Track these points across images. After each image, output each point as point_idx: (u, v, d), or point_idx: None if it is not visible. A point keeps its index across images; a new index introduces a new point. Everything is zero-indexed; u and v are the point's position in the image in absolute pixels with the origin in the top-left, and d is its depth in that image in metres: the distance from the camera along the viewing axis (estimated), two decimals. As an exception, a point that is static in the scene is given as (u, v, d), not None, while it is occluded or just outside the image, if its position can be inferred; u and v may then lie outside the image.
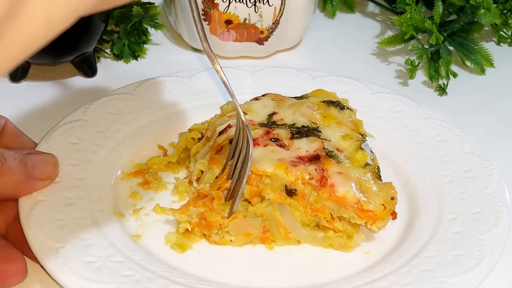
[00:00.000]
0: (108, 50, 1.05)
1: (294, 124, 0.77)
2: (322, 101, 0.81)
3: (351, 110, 0.81)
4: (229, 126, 0.77)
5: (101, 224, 0.71)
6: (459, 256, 0.68)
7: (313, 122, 0.78)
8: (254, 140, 0.73)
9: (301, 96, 0.84)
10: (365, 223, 0.71)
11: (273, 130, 0.76)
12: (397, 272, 0.67)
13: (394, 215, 0.71)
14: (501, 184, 0.77)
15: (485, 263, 0.67)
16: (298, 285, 0.69)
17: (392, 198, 0.71)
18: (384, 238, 0.74)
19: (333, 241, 0.73)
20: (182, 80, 0.93)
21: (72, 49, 0.94)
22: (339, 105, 0.81)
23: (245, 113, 0.79)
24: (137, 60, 1.05)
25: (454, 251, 0.69)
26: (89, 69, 0.99)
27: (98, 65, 1.01)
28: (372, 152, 0.76)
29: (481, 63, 1.05)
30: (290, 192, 0.71)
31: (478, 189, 0.77)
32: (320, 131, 0.76)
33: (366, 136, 0.79)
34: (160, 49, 1.09)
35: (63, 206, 0.71)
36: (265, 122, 0.78)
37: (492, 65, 1.06)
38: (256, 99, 0.82)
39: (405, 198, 0.79)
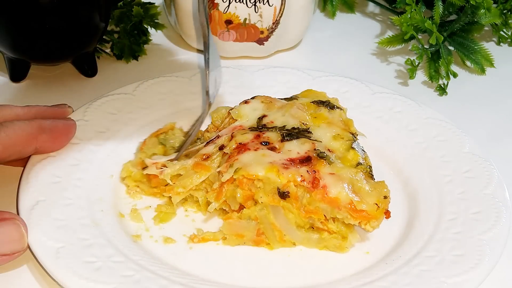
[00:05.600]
0: (108, 50, 1.05)
1: (284, 126, 0.77)
2: (312, 102, 0.81)
3: (341, 109, 0.81)
4: (218, 137, 0.77)
5: (101, 224, 0.71)
6: (459, 256, 0.68)
7: (303, 123, 0.78)
8: (244, 145, 0.74)
9: (291, 97, 0.84)
10: (359, 223, 0.71)
11: (263, 133, 0.76)
12: (397, 272, 0.67)
13: (387, 214, 0.71)
14: (501, 184, 0.77)
15: (485, 263, 0.67)
16: (298, 285, 0.69)
17: (385, 197, 0.70)
18: (384, 238, 0.74)
19: (328, 242, 0.73)
20: (182, 80, 0.93)
21: (72, 49, 0.94)
22: (329, 104, 0.81)
23: (234, 120, 0.79)
24: (137, 60, 1.05)
25: (454, 251, 0.69)
26: (89, 69, 0.99)
27: (98, 65, 1.01)
28: (364, 151, 0.76)
29: (481, 63, 1.05)
30: (283, 195, 0.71)
31: (478, 189, 0.77)
32: (311, 132, 0.76)
33: (357, 135, 0.79)
34: (160, 49, 1.09)
35: (63, 206, 0.71)
36: (255, 126, 0.78)
37: (492, 65, 1.06)
38: (245, 102, 0.82)
39: (405, 198, 0.79)
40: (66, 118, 0.78)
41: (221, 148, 0.75)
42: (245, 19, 1.01)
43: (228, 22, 1.01)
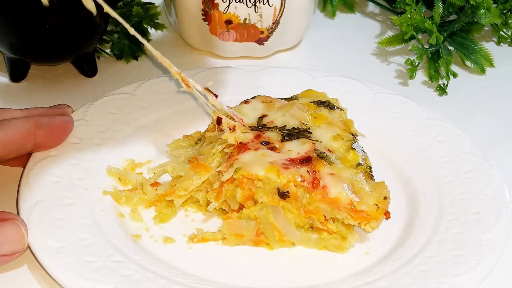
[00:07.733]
0: (108, 50, 1.05)
1: (284, 126, 0.77)
2: (312, 102, 0.81)
3: (341, 109, 0.81)
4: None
5: (101, 224, 0.71)
6: (459, 257, 0.68)
7: (303, 124, 0.78)
8: (244, 145, 0.74)
9: (291, 97, 0.84)
10: (358, 223, 0.71)
11: (263, 133, 0.76)
12: (397, 272, 0.67)
13: (387, 214, 0.71)
14: (501, 184, 0.77)
15: (485, 263, 0.67)
16: (298, 285, 0.69)
17: (385, 198, 0.70)
18: (384, 238, 0.74)
19: (328, 242, 0.73)
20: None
21: (72, 49, 0.94)
22: (329, 105, 0.81)
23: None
24: (137, 60, 1.05)
25: (454, 251, 0.69)
26: (89, 69, 0.99)
27: (98, 65, 1.01)
28: (364, 152, 0.76)
29: (481, 63, 1.05)
30: (283, 195, 0.71)
31: (478, 190, 0.77)
32: (311, 132, 0.76)
33: (357, 135, 0.79)
34: (160, 49, 1.09)
35: (63, 206, 0.71)
36: (256, 125, 0.78)
37: (492, 65, 1.06)
38: (245, 102, 0.82)
39: (405, 198, 0.79)
40: (63, 115, 0.78)
41: (219, 122, 0.75)
42: (245, 19, 1.01)
43: (228, 22, 1.01)
